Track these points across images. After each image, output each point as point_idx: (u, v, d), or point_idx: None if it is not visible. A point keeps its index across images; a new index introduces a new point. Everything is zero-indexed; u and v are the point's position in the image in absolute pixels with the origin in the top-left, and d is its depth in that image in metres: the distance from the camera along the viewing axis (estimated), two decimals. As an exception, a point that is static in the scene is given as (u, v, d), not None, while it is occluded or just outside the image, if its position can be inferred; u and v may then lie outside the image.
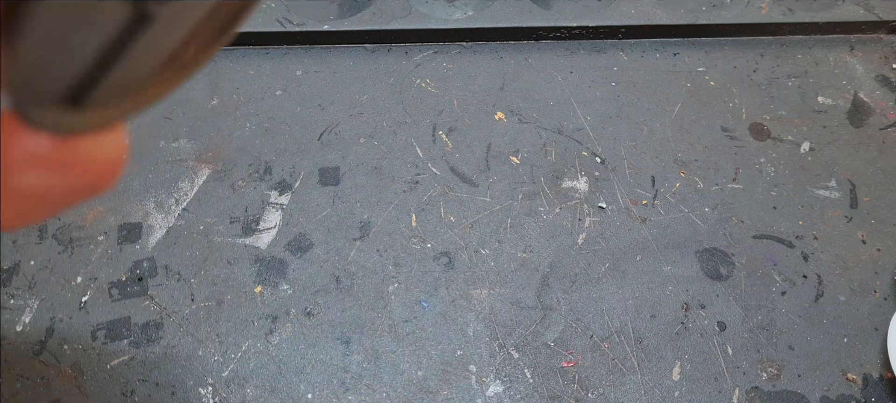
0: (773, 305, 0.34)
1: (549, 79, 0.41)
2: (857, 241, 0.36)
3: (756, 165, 0.38)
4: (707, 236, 0.36)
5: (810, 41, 0.44)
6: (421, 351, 0.32)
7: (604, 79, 0.41)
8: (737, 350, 0.32)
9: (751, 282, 0.34)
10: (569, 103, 0.40)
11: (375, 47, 0.42)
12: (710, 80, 0.42)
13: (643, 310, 0.33)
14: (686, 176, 0.38)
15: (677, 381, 0.32)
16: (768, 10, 0.44)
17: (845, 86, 0.42)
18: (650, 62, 0.42)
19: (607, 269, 0.35)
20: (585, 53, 0.42)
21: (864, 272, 0.35)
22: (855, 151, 0.39)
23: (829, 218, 0.37)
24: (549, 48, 0.43)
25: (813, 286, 0.34)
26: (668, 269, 0.35)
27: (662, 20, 0.43)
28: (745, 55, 0.43)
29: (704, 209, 0.37)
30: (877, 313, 0.34)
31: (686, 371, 0.32)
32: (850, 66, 0.43)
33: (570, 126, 0.39)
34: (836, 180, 0.38)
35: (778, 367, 0.32)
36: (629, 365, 0.32)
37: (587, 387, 0.31)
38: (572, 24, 0.43)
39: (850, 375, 0.32)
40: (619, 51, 0.43)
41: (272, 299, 0.33)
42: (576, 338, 0.33)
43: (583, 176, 0.37)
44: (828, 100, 0.41)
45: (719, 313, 0.33)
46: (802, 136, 0.39)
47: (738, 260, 0.35)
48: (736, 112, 0.40)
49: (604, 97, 0.41)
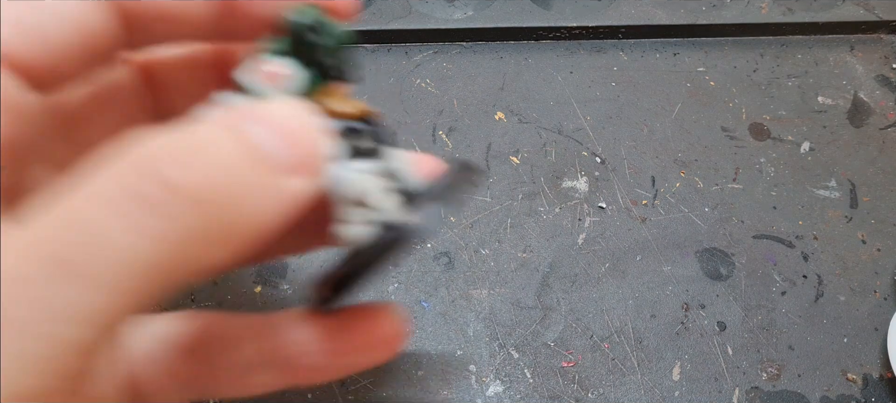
0: (773, 305, 0.34)
1: (549, 79, 0.41)
2: (857, 241, 0.36)
3: (756, 165, 0.38)
4: (707, 236, 0.36)
5: (810, 41, 0.44)
6: (421, 351, 0.32)
7: (604, 79, 0.41)
8: (737, 350, 0.32)
9: (751, 282, 0.34)
10: (569, 103, 0.40)
11: (375, 47, 0.42)
12: (710, 80, 0.42)
13: (643, 310, 0.33)
14: (686, 176, 0.38)
15: (677, 381, 0.32)
16: (768, 10, 0.44)
17: (845, 86, 0.42)
18: (650, 62, 0.42)
19: (607, 269, 0.34)
20: (585, 53, 0.42)
21: (864, 272, 0.35)
22: (855, 151, 0.39)
23: (829, 219, 0.37)
24: (549, 48, 0.43)
25: (813, 286, 0.34)
26: (668, 269, 0.35)
27: (662, 20, 0.43)
28: (745, 55, 0.43)
29: (704, 209, 0.37)
30: (877, 313, 0.34)
31: (686, 371, 0.32)
32: (850, 66, 0.43)
33: (570, 126, 0.39)
34: (836, 180, 0.38)
35: (778, 367, 0.32)
36: (629, 365, 0.32)
37: (587, 387, 0.31)
38: (572, 24, 0.43)
39: (850, 375, 0.32)
40: (619, 51, 0.43)
41: (272, 299, 0.33)
42: (576, 338, 0.33)
43: (583, 176, 0.37)
44: (828, 100, 0.41)
45: (719, 313, 0.33)
46: (802, 136, 0.39)
47: (738, 260, 0.35)
48: (736, 112, 0.40)
49: (604, 97, 0.41)
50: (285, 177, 0.14)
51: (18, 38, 0.15)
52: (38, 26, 0.16)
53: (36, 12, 0.16)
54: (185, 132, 0.13)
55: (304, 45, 0.18)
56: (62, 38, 0.16)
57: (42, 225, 0.11)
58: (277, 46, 0.18)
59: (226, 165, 0.13)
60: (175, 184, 0.12)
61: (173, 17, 0.17)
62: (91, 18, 0.16)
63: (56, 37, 0.16)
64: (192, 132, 0.13)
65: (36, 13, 0.16)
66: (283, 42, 0.18)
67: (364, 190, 0.17)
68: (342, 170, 0.17)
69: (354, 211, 0.17)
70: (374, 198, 0.17)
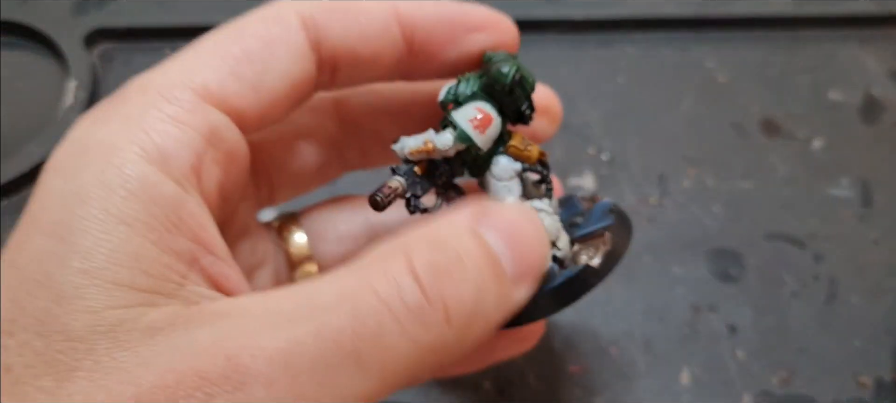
0: (784, 307, 0.33)
1: (554, 74, 0.40)
2: (869, 242, 0.35)
3: (767, 163, 0.37)
4: (717, 236, 0.35)
5: (822, 35, 0.43)
6: (423, 355, 0.31)
7: (611, 74, 0.40)
8: (748, 353, 0.32)
9: (762, 284, 0.34)
10: (574, 99, 0.39)
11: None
12: (719, 75, 0.41)
13: (651, 313, 0.33)
14: (695, 174, 0.37)
15: (686, 386, 0.31)
16: (779, 3, 0.43)
17: (857, 82, 0.41)
18: (658, 56, 0.41)
19: (614, 271, 0.34)
20: (592, 47, 0.41)
21: (878, 273, 0.34)
22: (867, 149, 0.38)
23: (842, 218, 0.36)
24: (555, 41, 0.41)
25: (825, 287, 0.34)
26: (676, 270, 0.34)
27: (671, 12, 0.42)
28: (756, 49, 0.42)
29: (714, 208, 0.36)
30: (890, 316, 0.33)
31: (695, 375, 0.31)
32: (861, 62, 0.42)
33: (576, 122, 0.38)
34: (848, 179, 0.37)
35: (789, 371, 0.31)
36: (637, 370, 0.31)
37: (594, 392, 0.31)
38: (579, 16, 0.42)
39: (862, 379, 0.31)
40: (627, 44, 0.42)
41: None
42: (582, 342, 0.32)
43: (589, 173, 0.37)
44: (839, 96, 0.40)
45: (729, 316, 0.33)
46: (814, 133, 0.39)
47: (748, 261, 0.34)
48: (746, 108, 0.39)
49: (610, 92, 0.40)
50: (515, 287, 0.16)
51: (234, 87, 0.17)
52: (252, 76, 0.17)
53: (250, 63, 0.17)
54: (438, 237, 0.15)
55: (506, 95, 0.19)
56: (273, 86, 0.17)
57: (338, 316, 0.14)
58: (473, 88, 0.19)
59: (476, 282, 0.15)
60: (436, 299, 0.14)
61: (366, 61, 0.19)
62: (297, 67, 0.18)
63: (268, 85, 0.17)
64: (445, 240, 0.15)
65: (250, 64, 0.17)
66: (474, 82, 0.19)
67: (554, 231, 0.19)
68: (541, 214, 0.19)
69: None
70: (561, 239, 0.19)
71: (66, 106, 0.36)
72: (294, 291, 0.14)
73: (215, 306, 0.14)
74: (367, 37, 0.19)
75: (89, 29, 0.39)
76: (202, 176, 0.16)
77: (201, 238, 0.16)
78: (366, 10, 0.19)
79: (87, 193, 0.14)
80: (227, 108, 0.17)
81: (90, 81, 0.37)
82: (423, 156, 0.20)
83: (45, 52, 0.40)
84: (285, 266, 0.23)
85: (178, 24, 0.40)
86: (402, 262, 0.14)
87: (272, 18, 0.18)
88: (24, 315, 0.13)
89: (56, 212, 0.14)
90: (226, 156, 0.17)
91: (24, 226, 0.15)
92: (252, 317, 0.14)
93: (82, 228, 0.14)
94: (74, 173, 0.15)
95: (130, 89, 0.16)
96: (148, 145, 0.15)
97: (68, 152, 0.15)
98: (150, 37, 0.41)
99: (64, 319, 0.13)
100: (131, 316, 0.14)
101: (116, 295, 0.14)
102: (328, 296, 0.14)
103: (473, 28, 0.19)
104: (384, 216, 0.22)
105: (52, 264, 0.14)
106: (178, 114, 0.16)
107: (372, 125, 0.22)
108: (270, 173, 0.22)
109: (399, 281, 0.14)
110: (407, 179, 0.20)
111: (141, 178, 0.15)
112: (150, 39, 0.41)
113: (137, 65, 0.40)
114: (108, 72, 0.39)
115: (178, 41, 0.42)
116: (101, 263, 0.14)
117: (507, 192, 0.20)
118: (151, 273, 0.14)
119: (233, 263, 0.17)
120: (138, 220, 0.14)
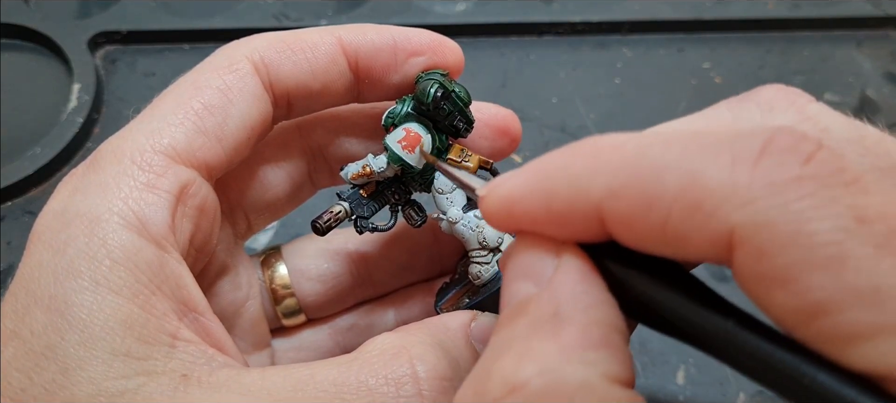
0: (778, 307, 0.33)
1: (551, 76, 0.40)
2: (864, 242, 0.35)
3: (762, 164, 0.38)
4: (712, 237, 0.35)
5: (817, 37, 0.43)
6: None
7: (607, 76, 0.41)
8: (742, 353, 0.32)
9: (756, 284, 0.34)
10: (572, 101, 0.39)
11: (375, 43, 0.41)
12: (715, 77, 0.41)
13: (647, 312, 0.33)
14: (691, 175, 0.37)
15: (682, 385, 0.31)
16: (775, 4, 0.43)
17: (852, 84, 0.41)
18: (655, 58, 0.42)
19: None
20: (589, 49, 0.42)
21: (872, 273, 0.34)
22: (862, 150, 0.38)
23: (836, 219, 0.36)
24: (552, 44, 0.42)
25: (819, 288, 0.34)
26: (672, 271, 0.34)
27: (667, 15, 0.42)
28: (752, 51, 0.42)
29: (709, 209, 0.36)
30: (884, 315, 0.33)
31: (691, 374, 0.31)
32: (857, 63, 0.42)
33: (573, 124, 0.39)
34: (843, 179, 0.37)
35: (783, 370, 0.32)
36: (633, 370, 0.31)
37: (590, 391, 0.31)
38: (576, 19, 0.42)
39: (857, 378, 0.32)
40: (624, 47, 0.42)
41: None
42: (579, 341, 0.32)
43: (586, 175, 0.37)
44: (835, 98, 0.41)
45: (724, 315, 0.33)
46: (809, 135, 0.39)
47: (743, 262, 0.34)
48: (741, 109, 0.40)
49: (607, 94, 0.40)
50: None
51: (199, 141, 0.18)
52: (214, 128, 0.18)
53: (211, 115, 0.18)
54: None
55: (435, 112, 0.20)
56: (234, 132, 0.18)
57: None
58: (407, 108, 0.20)
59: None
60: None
61: (317, 92, 0.20)
62: (255, 110, 0.19)
63: (230, 132, 0.18)
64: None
65: (211, 116, 0.18)
66: (408, 103, 0.21)
67: (485, 236, 0.20)
68: (470, 220, 0.20)
69: (479, 254, 0.20)
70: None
71: (69, 108, 0.37)
72: (291, 374, 0.16)
73: (214, 379, 0.15)
74: (317, 70, 0.19)
75: (93, 32, 0.40)
76: (176, 232, 0.17)
77: (182, 296, 0.17)
78: (313, 44, 0.19)
79: (77, 267, 0.15)
80: (195, 163, 0.18)
81: (94, 84, 0.38)
82: (365, 179, 0.21)
83: (49, 55, 0.40)
84: (270, 299, 0.24)
85: (181, 27, 0.41)
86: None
87: (225, 67, 0.18)
88: (33, 385, 0.15)
89: (50, 287, 0.15)
90: (197, 210, 0.18)
91: (21, 298, 0.16)
92: (251, 396, 0.15)
93: (77, 302, 0.15)
94: (62, 247, 0.16)
95: (103, 156, 0.17)
96: (126, 213, 0.16)
97: (52, 224, 0.16)
98: (153, 40, 0.41)
99: (70, 389, 0.15)
100: (131, 387, 0.15)
101: (115, 365, 0.15)
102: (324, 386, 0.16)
103: (414, 52, 0.20)
104: (367, 248, 0.24)
105: (54, 337, 0.15)
106: (151, 180, 0.17)
107: (335, 146, 0.23)
108: (244, 207, 0.22)
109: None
110: (351, 203, 0.21)
111: (123, 247, 0.16)
112: (154, 43, 0.41)
113: (140, 67, 0.40)
114: (111, 74, 0.40)
115: (181, 44, 0.42)
116: (98, 333, 0.15)
117: (450, 204, 0.21)
118: (144, 338, 0.15)
119: (212, 316, 0.18)
120: (125, 287, 0.15)
